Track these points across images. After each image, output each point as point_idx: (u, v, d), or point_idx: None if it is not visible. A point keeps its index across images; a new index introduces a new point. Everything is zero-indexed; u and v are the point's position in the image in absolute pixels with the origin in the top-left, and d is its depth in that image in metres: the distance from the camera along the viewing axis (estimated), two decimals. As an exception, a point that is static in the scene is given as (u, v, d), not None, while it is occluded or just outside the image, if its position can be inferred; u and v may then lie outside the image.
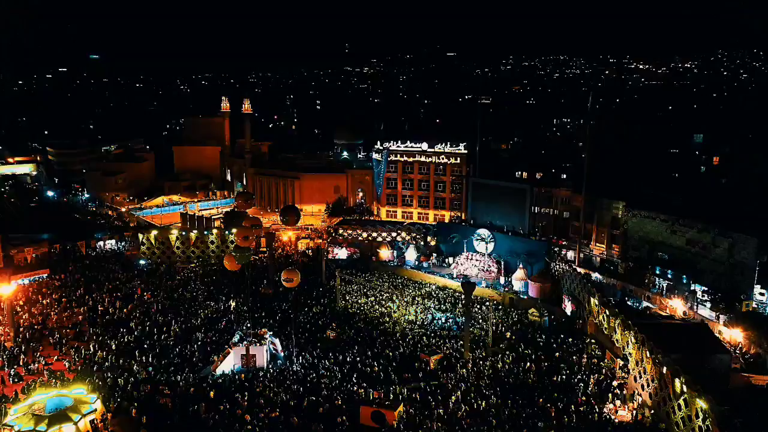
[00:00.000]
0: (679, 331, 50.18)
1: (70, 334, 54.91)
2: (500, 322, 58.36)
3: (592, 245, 74.80)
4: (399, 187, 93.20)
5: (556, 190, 77.11)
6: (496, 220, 72.69)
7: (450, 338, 54.39)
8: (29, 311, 60.01)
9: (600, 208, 73.53)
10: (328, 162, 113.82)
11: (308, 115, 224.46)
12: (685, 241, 63.91)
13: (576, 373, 47.27)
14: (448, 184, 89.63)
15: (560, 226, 77.90)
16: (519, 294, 64.21)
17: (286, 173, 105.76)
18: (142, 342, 52.60)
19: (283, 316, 58.92)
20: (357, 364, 48.94)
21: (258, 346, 49.38)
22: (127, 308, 60.42)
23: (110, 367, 48.23)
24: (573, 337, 54.48)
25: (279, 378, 46.65)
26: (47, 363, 49.45)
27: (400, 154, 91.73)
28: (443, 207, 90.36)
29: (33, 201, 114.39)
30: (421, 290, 67.31)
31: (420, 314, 60.31)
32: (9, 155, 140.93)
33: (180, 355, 50.31)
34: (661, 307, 61.00)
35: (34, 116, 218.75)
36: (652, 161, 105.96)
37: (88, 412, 39.66)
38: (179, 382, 45.44)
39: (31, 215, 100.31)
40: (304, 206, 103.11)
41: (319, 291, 66.73)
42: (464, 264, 70.78)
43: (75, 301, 62.38)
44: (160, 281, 69.21)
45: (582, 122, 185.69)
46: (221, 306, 61.48)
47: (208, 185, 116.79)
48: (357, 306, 62.67)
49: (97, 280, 68.85)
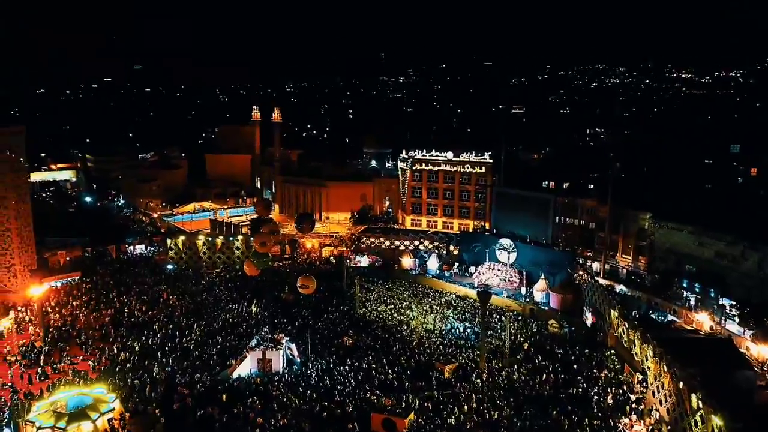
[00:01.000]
0: (702, 345, 48.78)
1: (96, 336, 56.47)
2: (519, 332, 57.83)
3: (618, 257, 73.47)
4: (424, 195, 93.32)
5: (581, 200, 76.07)
6: (519, 230, 72.04)
7: (467, 348, 54.11)
8: (60, 312, 62.03)
9: (626, 219, 72.26)
10: (356, 170, 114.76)
11: (340, 124, 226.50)
12: (713, 253, 62.37)
13: (593, 386, 46.43)
14: (472, 194, 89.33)
15: (586, 236, 76.78)
16: (540, 305, 63.46)
17: (314, 181, 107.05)
18: (163, 344, 53.82)
19: (303, 322, 59.56)
20: (371, 371, 49.10)
21: (274, 351, 50.05)
22: (152, 311, 61.97)
23: (131, 368, 49.51)
24: (593, 349, 53.53)
25: (293, 383, 47.14)
26: (73, 363, 50.98)
27: (425, 162, 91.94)
28: (468, 216, 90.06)
29: (71, 206, 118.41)
30: (441, 299, 67.19)
31: (438, 323, 60.18)
32: (51, 162, 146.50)
33: (199, 358, 51.31)
34: (687, 321, 59.40)
35: (78, 125, 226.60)
36: (685, 172, 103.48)
37: (107, 411, 40.72)
38: (196, 384, 46.37)
39: (68, 220, 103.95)
40: (330, 214, 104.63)
41: (339, 298, 67.22)
42: (486, 274, 70.35)
43: (103, 304, 64.19)
44: (185, 286, 70.74)
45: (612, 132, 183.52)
46: (242, 311, 62.48)
47: (239, 192, 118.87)
48: (376, 313, 62.95)
49: (125, 283, 70.75)
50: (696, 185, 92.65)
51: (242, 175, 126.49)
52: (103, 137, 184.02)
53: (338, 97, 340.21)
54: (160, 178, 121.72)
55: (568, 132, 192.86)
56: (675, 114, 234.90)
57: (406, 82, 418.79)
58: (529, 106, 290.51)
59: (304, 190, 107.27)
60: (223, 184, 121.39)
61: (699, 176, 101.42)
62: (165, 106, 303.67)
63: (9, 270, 63.72)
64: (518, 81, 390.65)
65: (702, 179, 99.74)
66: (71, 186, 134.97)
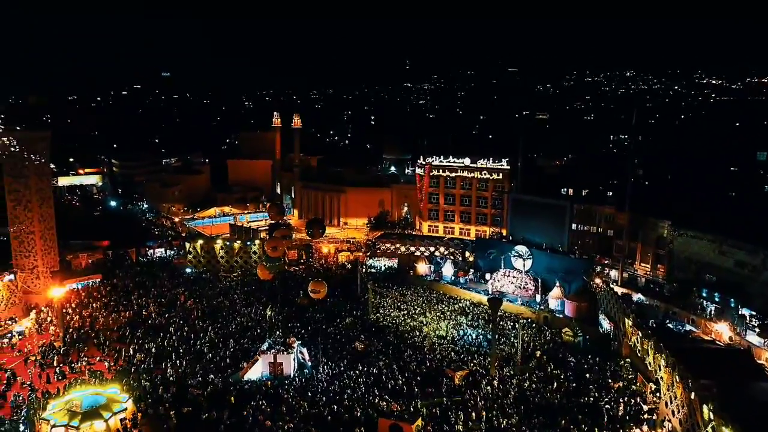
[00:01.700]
0: (719, 356, 47.77)
1: (113, 337, 57.62)
2: (532, 340, 57.34)
3: (637, 265, 72.34)
4: (441, 202, 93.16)
5: (599, 207, 75.19)
6: (535, 237, 71.46)
7: (479, 355, 53.83)
8: (80, 313, 63.39)
9: (645, 227, 71.12)
10: (375, 176, 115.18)
11: (362, 130, 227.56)
12: (734, 262, 61.03)
13: (605, 396, 45.80)
14: (490, 200, 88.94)
15: (604, 244, 75.80)
16: (554, 312, 62.80)
17: (333, 187, 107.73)
18: (177, 347, 54.61)
19: (316, 327, 59.89)
20: (381, 376, 49.17)
21: (285, 355, 50.42)
22: (169, 314, 62.93)
23: (146, 370, 50.35)
24: (607, 358, 52.84)
25: (303, 387, 47.44)
26: (90, 363, 52.10)
27: (442, 169, 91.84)
28: (485, 223, 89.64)
29: (97, 210, 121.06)
30: (454, 305, 66.94)
31: (451, 329, 59.97)
32: (80, 167, 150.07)
33: (212, 361, 51.94)
34: (706, 332, 58.16)
35: (106, 130, 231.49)
36: (709, 179, 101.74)
37: (119, 410, 41.46)
38: (208, 385, 46.95)
39: (93, 223, 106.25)
40: (348, 220, 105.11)
41: (353, 303, 67.44)
42: (501, 281, 69.95)
43: (122, 306, 65.41)
44: (202, 289, 71.69)
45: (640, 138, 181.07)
46: (257, 314, 63.07)
47: (259, 197, 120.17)
48: (389, 319, 62.97)
49: (144, 286, 72.00)
50: (719, 193, 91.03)
51: (263, 180, 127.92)
52: (129, 143, 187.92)
53: (362, 104, 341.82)
54: (182, 183, 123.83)
55: (592, 139, 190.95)
56: (703, 121, 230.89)
57: (430, 89, 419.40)
58: (554, 112, 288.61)
59: (323, 195, 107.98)
60: (244, 189, 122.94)
61: (723, 184, 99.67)
62: (191, 113, 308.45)
63: (32, 272, 65.28)
64: (543, 87, 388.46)
65: (726, 187, 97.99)
66: (97, 190, 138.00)
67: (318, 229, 52.55)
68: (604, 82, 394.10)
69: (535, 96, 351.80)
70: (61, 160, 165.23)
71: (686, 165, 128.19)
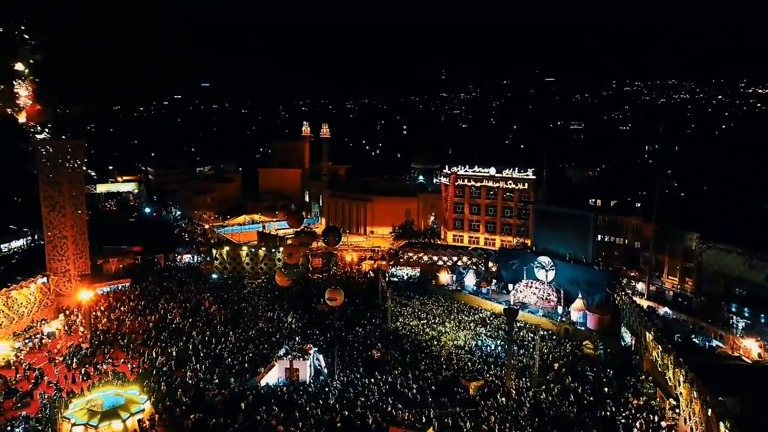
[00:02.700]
0: (744, 373, 46.43)
1: (138, 340, 59.11)
2: (551, 352, 56.57)
3: (664, 278, 70.70)
4: (466, 211, 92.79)
5: (625, 218, 73.84)
6: (559, 248, 70.50)
7: (496, 365, 53.37)
8: (108, 316, 65.33)
9: (672, 239, 69.52)
10: (402, 185, 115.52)
11: (394, 140, 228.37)
12: (764, 277, 59.22)
13: (622, 411, 44.89)
14: (515, 210, 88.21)
15: (631, 256, 74.40)
16: (576, 325, 61.81)
17: (360, 195, 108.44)
18: (199, 351, 55.72)
19: (335, 334, 60.35)
20: (396, 385, 49.23)
21: (301, 361, 50.95)
22: (193, 318, 64.25)
23: (166, 372, 51.53)
24: (627, 372, 51.77)
25: (318, 393, 47.84)
26: (114, 365, 53.62)
27: (467, 178, 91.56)
28: (511, 233, 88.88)
29: (132, 216, 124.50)
30: (475, 315, 66.53)
31: (469, 339, 59.63)
32: (118, 174, 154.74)
33: (230, 365, 52.81)
34: (734, 347, 56.48)
35: (146, 139, 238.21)
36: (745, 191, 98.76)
37: (137, 411, 42.51)
38: (225, 389, 47.79)
39: (128, 229, 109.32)
40: (375, 228, 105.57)
41: (373, 311, 67.69)
42: (523, 291, 69.26)
43: (148, 310, 67.08)
44: (227, 295, 72.96)
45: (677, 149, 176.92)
46: (278, 320, 63.89)
47: (288, 206, 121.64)
48: (408, 328, 62.96)
49: (171, 291, 73.70)
50: (755, 205, 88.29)
51: (293, 188, 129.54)
52: (166, 152, 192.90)
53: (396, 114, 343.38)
54: (214, 190, 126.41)
55: (627, 149, 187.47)
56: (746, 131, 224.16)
57: (465, 99, 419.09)
58: (590, 122, 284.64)
59: (349, 204, 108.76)
60: (274, 198, 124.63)
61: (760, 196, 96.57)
62: (228, 122, 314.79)
63: (64, 275, 67.55)
64: (581, 97, 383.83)
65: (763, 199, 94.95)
66: (133, 197, 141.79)
67: (334, 236, 53.09)
68: (645, 92, 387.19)
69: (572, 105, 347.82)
70: (101, 167, 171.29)
71: (724, 176, 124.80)
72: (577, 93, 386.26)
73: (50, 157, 65.78)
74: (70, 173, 67.58)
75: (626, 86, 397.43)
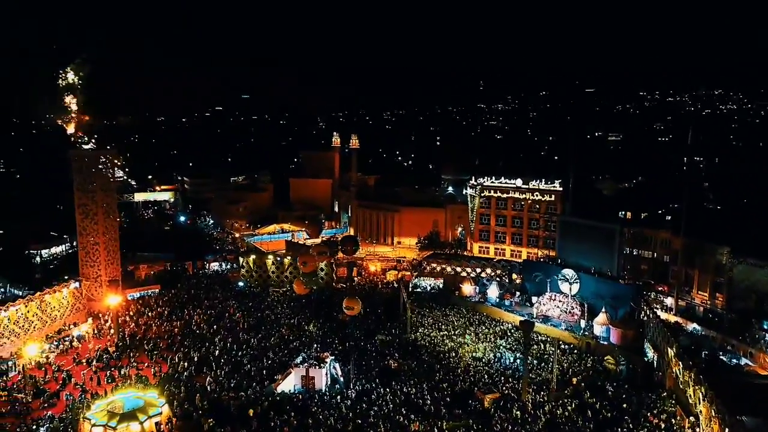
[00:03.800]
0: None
1: (163, 345, 60.64)
2: (572, 366, 55.65)
3: (694, 293, 68.72)
4: (492, 223, 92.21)
5: (654, 231, 72.20)
6: (584, 261, 69.41)
7: (513, 378, 52.82)
8: (136, 321, 67.24)
9: (703, 253, 67.59)
10: (430, 196, 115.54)
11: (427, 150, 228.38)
12: (797, 293, 57.06)
13: (639, 428, 43.85)
14: (541, 222, 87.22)
15: (660, 270, 72.65)
16: (599, 339, 60.60)
17: (387, 206, 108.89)
18: (220, 357, 56.81)
19: (354, 343, 60.65)
20: (411, 395, 49.21)
21: (317, 369, 51.41)
22: (217, 325, 65.53)
23: (187, 377, 52.71)
24: (649, 389, 50.57)
25: (332, 401, 48.18)
26: (138, 368, 55.14)
27: (493, 189, 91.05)
28: (537, 245, 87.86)
29: (167, 224, 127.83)
30: (496, 328, 65.95)
31: (488, 352, 59.15)
32: (156, 183, 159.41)
33: (249, 372, 53.64)
34: (765, 366, 54.47)
35: (185, 149, 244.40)
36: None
37: (154, 414, 43.61)
38: (241, 395, 48.61)
39: (163, 236, 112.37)
40: (402, 239, 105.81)
41: (394, 321, 67.78)
42: (547, 304, 68.33)
43: (175, 316, 68.76)
44: (251, 302, 74.16)
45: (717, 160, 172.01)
46: (299, 328, 64.63)
47: (318, 215, 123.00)
48: (428, 339, 62.83)
49: (198, 297, 75.37)
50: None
51: (323, 198, 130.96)
52: (204, 161, 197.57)
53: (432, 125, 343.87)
54: (247, 200, 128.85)
55: (665, 161, 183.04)
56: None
57: (503, 110, 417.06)
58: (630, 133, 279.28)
59: (377, 214, 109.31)
60: (304, 207, 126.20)
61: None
62: (265, 133, 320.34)
63: (96, 280, 69.85)
64: (622, 108, 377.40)
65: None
66: (169, 206, 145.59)
67: (351, 246, 53.56)
68: (689, 102, 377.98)
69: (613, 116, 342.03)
70: (141, 176, 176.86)
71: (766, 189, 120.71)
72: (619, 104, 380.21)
73: (84, 166, 68.33)
74: (103, 182, 69.99)
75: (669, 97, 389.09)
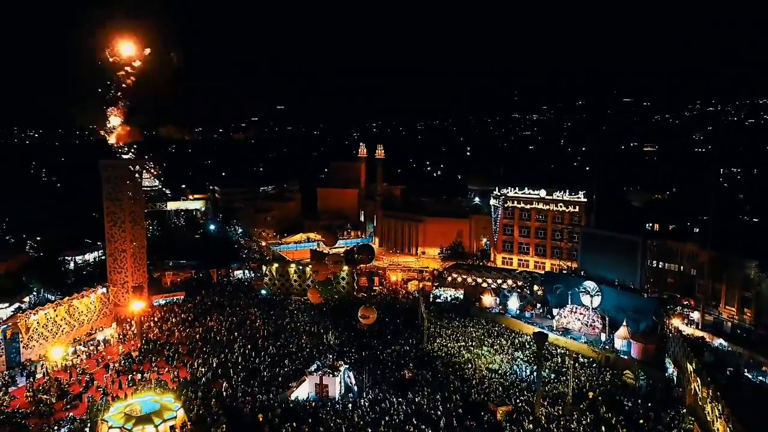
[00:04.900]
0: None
1: (184, 350, 61.95)
2: (589, 380, 54.70)
3: (721, 308, 66.83)
4: (515, 234, 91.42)
5: (680, 243, 70.58)
6: (606, 273, 68.23)
7: (529, 391, 52.20)
8: (160, 327, 68.83)
9: (731, 267, 65.77)
10: (455, 207, 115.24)
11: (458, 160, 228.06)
12: (828, 309, 55.01)
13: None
14: (565, 233, 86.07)
15: (686, 284, 70.89)
16: (619, 353, 59.41)
17: (412, 216, 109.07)
18: (237, 363, 57.70)
19: (370, 352, 60.88)
20: (423, 405, 49.12)
21: (331, 377, 51.77)
22: (238, 332, 66.58)
23: (205, 382, 53.69)
24: (668, 405, 49.35)
25: (344, 410, 48.43)
26: (159, 373, 56.43)
27: (517, 200, 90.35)
28: (561, 256, 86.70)
29: (197, 232, 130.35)
30: (515, 340, 65.27)
31: (505, 364, 58.61)
32: (189, 192, 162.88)
33: (264, 378, 54.34)
34: (793, 384, 52.53)
35: (219, 159, 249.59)
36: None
37: (169, 417, 44.49)
38: (256, 401, 49.28)
39: (193, 244, 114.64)
40: (426, 249, 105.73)
41: (411, 331, 67.75)
42: (568, 317, 67.36)
43: (197, 322, 70.14)
44: (273, 310, 75.08)
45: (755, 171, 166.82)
46: (317, 336, 65.16)
47: (344, 225, 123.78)
48: (445, 349, 62.60)
49: (221, 305, 76.71)
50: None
51: (350, 208, 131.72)
52: (236, 171, 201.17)
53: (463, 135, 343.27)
54: (274, 209, 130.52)
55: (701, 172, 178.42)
56: None
57: (538, 120, 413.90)
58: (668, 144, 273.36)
59: (402, 224, 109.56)
60: (331, 217, 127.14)
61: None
62: (298, 143, 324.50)
63: (123, 286, 71.83)
64: (662, 117, 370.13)
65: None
66: (200, 214, 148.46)
67: (366, 254, 53.87)
68: (732, 112, 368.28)
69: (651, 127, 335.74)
70: (175, 185, 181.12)
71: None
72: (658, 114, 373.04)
73: (113, 175, 70.57)
74: (131, 191, 72.11)
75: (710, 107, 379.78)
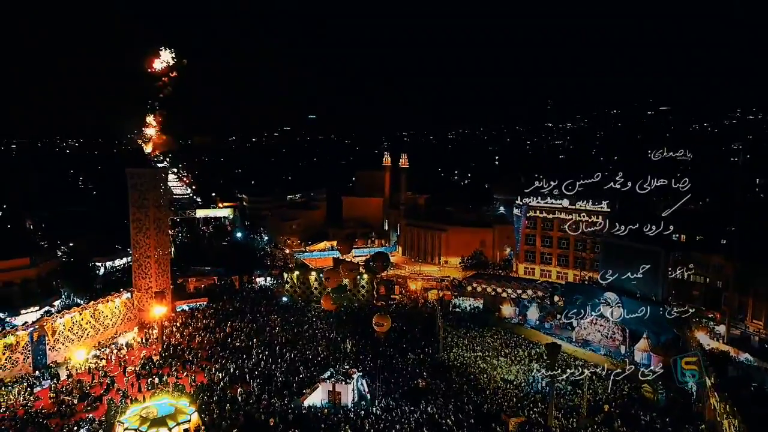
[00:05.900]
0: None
1: (203, 355, 63.04)
2: (606, 392, 53.74)
3: (748, 321, 65.01)
4: (538, 243, 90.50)
5: (705, 255, 68.93)
6: (627, 284, 67.01)
7: (543, 402, 51.56)
8: (182, 332, 70.17)
9: (758, 279, 63.99)
10: (479, 216, 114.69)
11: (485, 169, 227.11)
12: None
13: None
14: (588, 244, 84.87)
15: (712, 296, 69.17)
16: (638, 366, 58.22)
17: (435, 225, 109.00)
18: (253, 369, 58.45)
19: (385, 361, 60.93)
20: (434, 415, 48.97)
21: (344, 384, 52.05)
22: (257, 338, 67.44)
23: (221, 387, 54.53)
24: (686, 420, 48.12)
25: (354, 417, 48.61)
26: (178, 377, 57.56)
27: (540, 210, 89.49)
28: (584, 267, 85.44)
29: (225, 240, 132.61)
30: (532, 350, 64.57)
31: (521, 374, 58.03)
32: (219, 200, 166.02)
33: (279, 385, 54.91)
34: (821, 402, 50.72)
35: (249, 168, 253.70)
36: None
37: (183, 421, 45.22)
38: (269, 407, 49.83)
39: (219, 252, 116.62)
40: (449, 258, 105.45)
41: (429, 340, 67.59)
42: (588, 328, 66.41)
43: (218, 328, 71.30)
44: (293, 317, 75.81)
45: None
46: (334, 343, 65.56)
47: (369, 233, 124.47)
48: (461, 359, 62.30)
49: (242, 311, 77.83)
50: None
51: (375, 217, 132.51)
52: (266, 179, 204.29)
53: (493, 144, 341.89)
54: (300, 217, 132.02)
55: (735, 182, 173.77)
56: None
57: (571, 129, 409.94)
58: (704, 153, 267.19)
59: (425, 233, 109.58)
60: (356, 225, 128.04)
61: None
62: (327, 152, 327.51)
63: (147, 292, 73.52)
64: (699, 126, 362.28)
65: None
66: (228, 222, 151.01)
67: (381, 262, 54.03)
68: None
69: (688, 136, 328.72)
70: (206, 194, 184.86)
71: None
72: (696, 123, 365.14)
73: (139, 183, 72.50)
74: (156, 199, 73.92)
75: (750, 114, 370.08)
